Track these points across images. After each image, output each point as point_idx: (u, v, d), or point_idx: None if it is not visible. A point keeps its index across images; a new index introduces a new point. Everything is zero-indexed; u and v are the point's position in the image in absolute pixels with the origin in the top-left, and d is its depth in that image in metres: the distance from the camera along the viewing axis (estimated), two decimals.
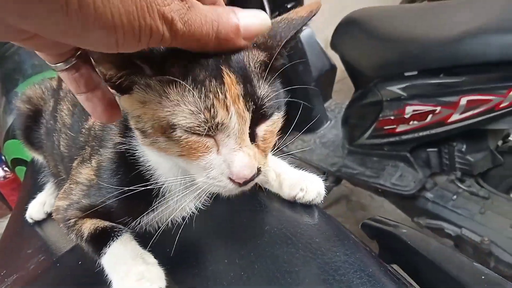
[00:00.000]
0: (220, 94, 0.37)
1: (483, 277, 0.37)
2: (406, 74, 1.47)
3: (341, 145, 1.94)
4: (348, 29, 1.75)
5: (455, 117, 1.38)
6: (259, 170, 0.41)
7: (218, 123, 0.37)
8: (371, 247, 0.53)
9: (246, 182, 0.40)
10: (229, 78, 0.37)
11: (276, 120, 0.43)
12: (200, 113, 0.36)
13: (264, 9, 1.83)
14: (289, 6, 1.92)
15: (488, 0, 1.50)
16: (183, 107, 0.37)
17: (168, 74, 0.36)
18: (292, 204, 0.52)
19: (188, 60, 0.37)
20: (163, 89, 0.37)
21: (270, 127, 0.43)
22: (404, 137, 1.57)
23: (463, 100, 1.33)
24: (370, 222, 0.54)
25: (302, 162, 2.04)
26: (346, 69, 1.82)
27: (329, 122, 2.19)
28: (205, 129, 0.37)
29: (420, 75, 1.44)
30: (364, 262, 0.41)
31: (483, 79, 1.29)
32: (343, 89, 3.22)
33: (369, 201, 2.26)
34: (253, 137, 0.41)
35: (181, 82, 0.36)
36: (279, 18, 0.43)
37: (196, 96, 0.36)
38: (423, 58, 1.41)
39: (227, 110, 0.37)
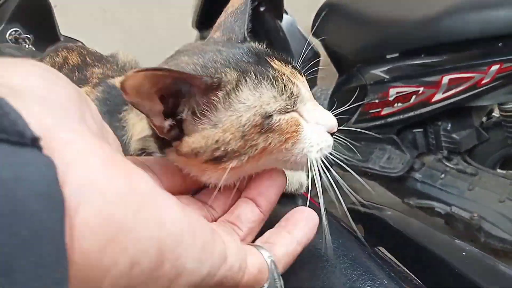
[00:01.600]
0: (280, 75, 0.40)
1: (463, 253, 0.38)
2: (388, 56, 1.47)
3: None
4: (328, 15, 1.74)
5: (438, 96, 1.39)
6: None
7: (296, 95, 0.40)
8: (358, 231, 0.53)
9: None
10: (275, 62, 0.42)
11: None
12: (282, 94, 0.39)
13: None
14: None
15: None
16: (265, 96, 0.39)
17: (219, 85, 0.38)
18: None
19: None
20: (225, 98, 0.38)
21: None
22: (390, 119, 1.58)
23: (445, 79, 1.34)
24: (354, 207, 0.54)
25: None
26: (328, 55, 1.82)
27: None
28: (293, 104, 0.40)
29: (402, 56, 1.44)
30: (347, 246, 0.41)
31: (464, 57, 1.30)
32: (328, 76, 3.22)
33: (361, 185, 2.25)
34: None
35: (244, 81, 0.39)
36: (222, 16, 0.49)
37: (267, 83, 0.39)
38: (404, 39, 1.42)
39: (293, 83, 0.40)
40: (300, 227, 0.37)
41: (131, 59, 0.81)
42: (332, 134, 0.43)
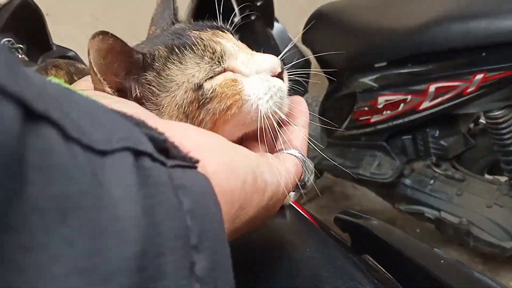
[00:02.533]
0: (198, 40, 0.40)
1: (442, 261, 0.40)
2: (376, 65, 1.50)
3: (320, 138, 1.97)
4: (317, 24, 1.77)
5: (426, 104, 1.42)
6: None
7: (220, 52, 0.39)
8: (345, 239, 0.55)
9: (282, 72, 0.42)
10: (193, 32, 0.42)
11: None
12: (203, 57, 0.39)
13: (232, 7, 1.84)
14: (258, 4, 1.94)
15: None
16: (189, 67, 0.39)
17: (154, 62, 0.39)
18: None
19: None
20: (158, 80, 0.39)
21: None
22: (379, 126, 1.61)
23: (432, 88, 1.38)
24: (342, 216, 0.56)
25: None
26: (318, 63, 1.85)
27: None
28: (218, 62, 0.39)
29: (390, 65, 1.47)
30: (333, 255, 0.43)
31: (449, 66, 1.34)
32: (320, 82, 3.26)
33: (352, 191, 2.31)
34: None
35: (171, 57, 0.39)
36: None
37: (188, 53, 0.39)
38: (391, 49, 1.45)
39: (215, 42, 0.40)
40: (300, 115, 0.42)
41: None
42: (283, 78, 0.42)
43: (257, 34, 1.99)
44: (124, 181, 0.17)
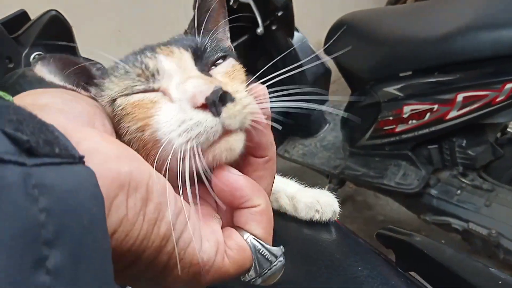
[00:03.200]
0: (142, 55, 0.38)
1: (500, 282, 0.39)
2: (401, 74, 1.49)
3: (342, 147, 1.95)
4: (340, 34, 1.77)
5: (453, 113, 1.40)
6: (226, 92, 0.33)
7: (152, 70, 0.36)
8: (388, 255, 0.54)
9: (215, 105, 0.33)
10: (160, 48, 0.39)
11: (233, 65, 0.41)
12: (131, 73, 0.36)
13: (255, 19, 1.86)
14: (279, 14, 1.95)
15: None
16: (116, 81, 0.37)
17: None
18: (309, 221, 0.53)
19: None
20: (97, 90, 0.39)
21: (229, 70, 0.41)
22: (404, 136, 1.59)
23: (460, 97, 1.36)
24: (384, 232, 0.55)
25: (304, 167, 2.06)
26: (341, 73, 1.85)
27: (328, 124, 2.21)
28: (146, 80, 0.36)
29: (415, 74, 1.46)
30: (386, 274, 0.42)
31: (477, 75, 1.32)
32: (338, 90, 3.25)
33: (375, 200, 2.28)
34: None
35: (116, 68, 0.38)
36: None
37: (129, 67, 0.37)
38: (416, 58, 1.44)
39: (151, 59, 0.37)
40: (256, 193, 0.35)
41: None
42: (216, 109, 0.33)
43: (278, 44, 2.00)
44: None
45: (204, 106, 0.33)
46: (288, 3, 1.63)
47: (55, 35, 1.42)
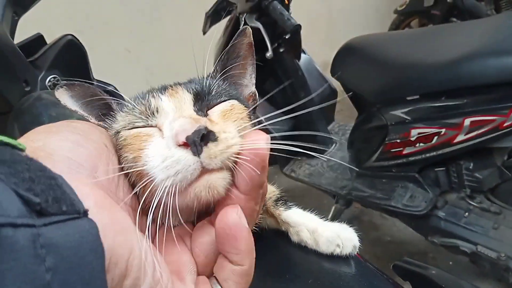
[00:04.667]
0: (155, 92, 0.42)
1: None
2: (408, 98, 1.51)
3: (349, 168, 1.97)
4: (347, 57, 1.81)
5: (461, 137, 1.42)
6: (210, 131, 0.35)
7: (153, 108, 0.39)
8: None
9: (195, 144, 0.34)
10: (172, 88, 0.42)
11: (232, 105, 0.42)
12: (136, 109, 0.40)
13: (264, 42, 1.89)
14: (286, 37, 1.99)
15: (478, 23, 1.56)
16: (123, 116, 0.41)
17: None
18: (329, 255, 0.54)
19: None
20: (110, 123, 0.42)
21: (226, 109, 0.42)
22: (412, 158, 1.60)
23: (467, 121, 1.37)
24: (401, 264, 0.56)
25: (311, 187, 2.06)
26: (347, 95, 1.87)
27: (334, 145, 2.23)
28: (146, 118, 0.39)
29: (422, 98, 1.48)
30: None
31: (485, 100, 1.34)
32: (343, 109, 3.28)
33: (381, 221, 2.28)
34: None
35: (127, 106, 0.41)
36: None
37: (136, 104, 0.41)
38: (423, 82, 1.46)
39: (155, 98, 0.40)
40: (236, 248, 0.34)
41: None
42: (195, 147, 0.34)
43: (286, 66, 2.04)
44: None
45: (186, 145, 0.34)
46: (298, 27, 1.67)
47: (71, 58, 1.45)
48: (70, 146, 0.32)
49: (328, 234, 0.56)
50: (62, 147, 0.32)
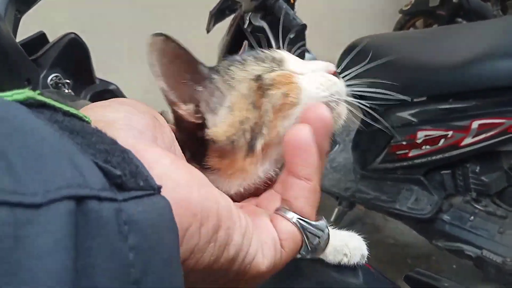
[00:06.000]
0: (263, 52, 0.45)
1: None
2: (415, 100, 1.49)
3: (353, 170, 1.95)
4: (353, 57, 1.79)
5: (468, 140, 1.40)
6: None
7: (279, 59, 0.44)
8: None
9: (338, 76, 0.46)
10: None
11: None
12: (263, 60, 0.44)
13: (269, 41, 1.87)
14: (291, 36, 1.97)
15: (487, 24, 1.54)
16: (251, 66, 0.43)
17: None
18: (337, 265, 0.53)
19: None
20: (224, 82, 0.42)
21: None
22: (417, 161, 1.58)
23: (475, 124, 1.35)
24: (413, 275, 0.55)
25: None
26: (352, 95, 1.85)
27: (337, 145, 2.21)
28: (277, 65, 0.44)
29: (429, 100, 1.46)
30: None
31: (493, 103, 1.32)
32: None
33: (384, 223, 2.26)
34: None
35: (232, 64, 0.43)
36: None
37: (251, 58, 0.44)
38: (431, 84, 1.44)
39: (275, 52, 0.45)
40: (305, 165, 0.34)
41: None
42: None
43: None
44: (53, 236, 0.17)
45: (335, 74, 0.44)
46: (303, 27, 1.65)
47: (73, 57, 1.44)
48: (126, 115, 0.31)
49: (335, 243, 0.54)
50: (119, 117, 0.30)
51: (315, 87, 0.41)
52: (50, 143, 0.20)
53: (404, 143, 1.56)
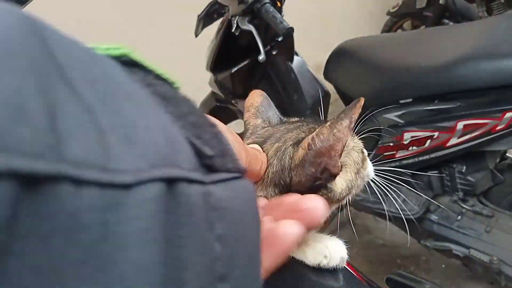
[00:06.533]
0: None
1: None
2: (401, 101, 1.50)
3: None
4: (340, 60, 1.80)
5: (454, 141, 1.41)
6: None
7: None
8: None
9: None
10: None
11: None
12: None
13: (257, 44, 1.88)
14: (279, 40, 1.97)
15: (471, 26, 1.56)
16: (352, 140, 0.52)
17: None
18: (315, 267, 0.53)
19: None
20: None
21: None
22: (405, 162, 1.60)
23: (460, 125, 1.37)
24: (394, 277, 0.55)
25: None
26: (341, 98, 1.86)
27: None
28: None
29: (415, 102, 1.48)
30: None
31: (477, 103, 1.33)
32: (336, 111, 3.27)
33: (374, 224, 2.27)
34: None
35: None
36: None
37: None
38: (417, 86, 1.46)
39: None
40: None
41: None
42: None
43: (278, 68, 2.02)
44: (143, 224, 0.14)
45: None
46: (290, 30, 1.65)
47: None
48: None
49: (315, 245, 0.54)
50: None
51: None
52: (146, 111, 0.17)
53: (391, 144, 1.57)
